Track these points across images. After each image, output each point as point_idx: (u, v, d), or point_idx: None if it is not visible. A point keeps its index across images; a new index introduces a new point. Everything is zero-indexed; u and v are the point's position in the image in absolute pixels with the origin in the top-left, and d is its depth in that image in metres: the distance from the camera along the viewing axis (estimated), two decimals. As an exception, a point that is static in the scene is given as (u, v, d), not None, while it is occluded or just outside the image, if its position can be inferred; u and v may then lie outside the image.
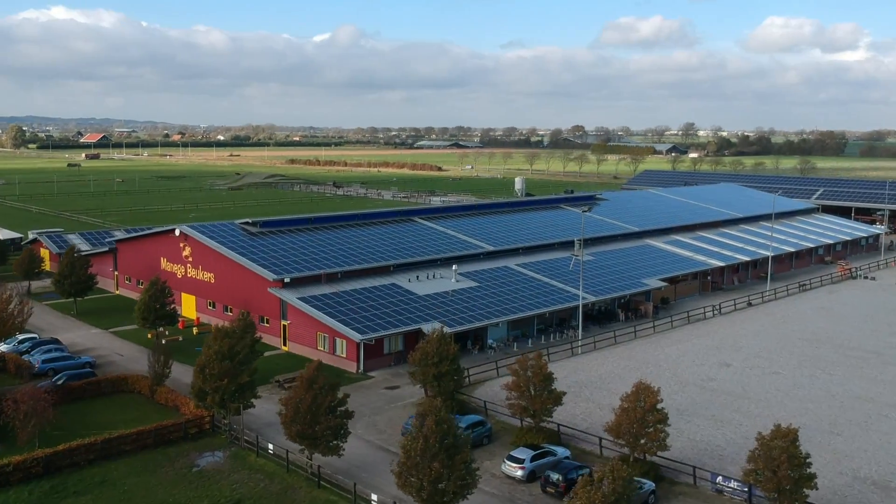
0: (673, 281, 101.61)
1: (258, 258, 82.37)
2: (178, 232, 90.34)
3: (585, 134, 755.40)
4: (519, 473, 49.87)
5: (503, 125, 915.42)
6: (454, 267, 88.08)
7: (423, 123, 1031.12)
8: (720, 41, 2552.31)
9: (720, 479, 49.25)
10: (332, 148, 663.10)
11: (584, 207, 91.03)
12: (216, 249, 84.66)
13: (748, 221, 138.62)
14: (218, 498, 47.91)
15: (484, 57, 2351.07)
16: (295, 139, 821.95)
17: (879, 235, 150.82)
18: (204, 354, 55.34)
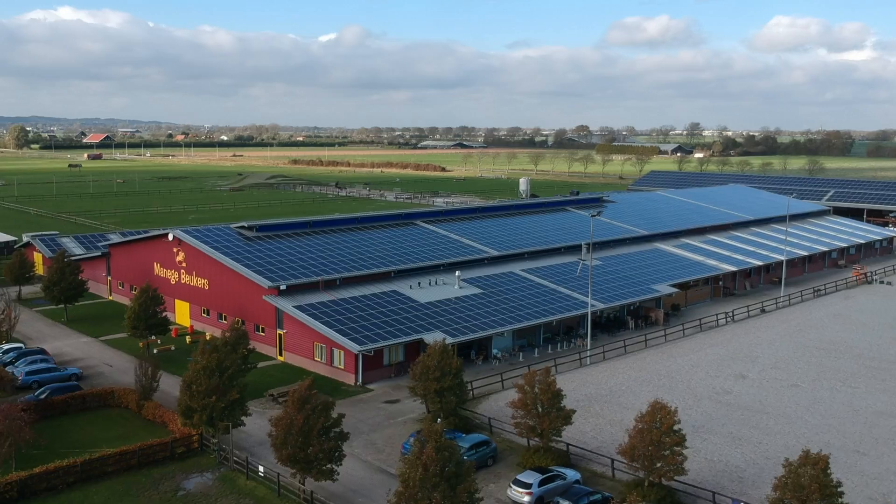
0: (684, 286, 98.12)
1: (253, 264, 79.17)
2: (171, 236, 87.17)
3: (590, 134, 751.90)
4: (526, 500, 46.37)
5: (507, 125, 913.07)
6: (457, 273, 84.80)
7: (427, 123, 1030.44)
8: (726, 41, 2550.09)
9: (742, 505, 45.97)
10: (335, 148, 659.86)
11: (593, 211, 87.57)
12: (210, 255, 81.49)
13: (759, 224, 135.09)
14: (203, 525, 44.81)
15: (490, 57, 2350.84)
16: (298, 139, 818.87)
17: (894, 238, 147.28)
18: (191, 369, 52.17)
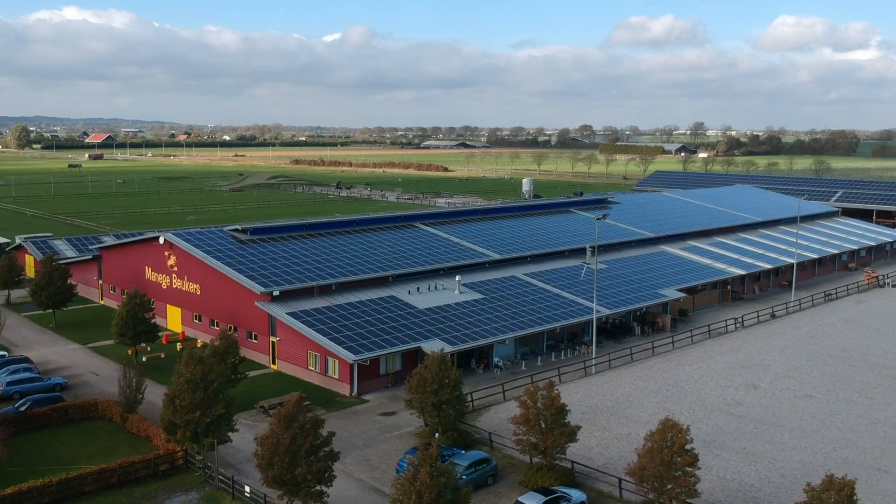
0: (691, 291, 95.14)
1: (246, 269, 76.38)
2: (162, 240, 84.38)
3: (593, 133, 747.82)
4: (528, 524, 43.63)
5: (511, 125, 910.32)
6: (457, 278, 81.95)
7: (430, 123, 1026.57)
8: (731, 40, 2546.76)
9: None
10: (338, 148, 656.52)
11: (598, 214, 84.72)
12: (201, 259, 78.75)
13: (767, 226, 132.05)
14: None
15: (495, 56, 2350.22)
16: (301, 139, 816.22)
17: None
18: (174, 383, 49.40)
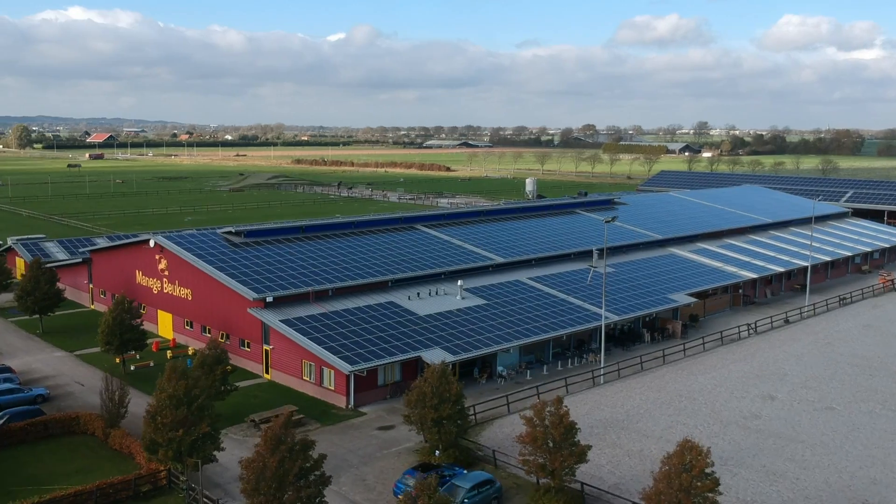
0: (702, 295, 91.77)
1: (239, 273, 73.18)
2: (152, 243, 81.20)
3: (596, 133, 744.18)
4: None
5: (514, 124, 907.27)
6: (459, 282, 78.70)
7: (434, 123, 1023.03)
8: (736, 40, 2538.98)
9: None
10: (340, 148, 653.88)
11: (607, 216, 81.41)
12: (192, 263, 75.57)
13: (778, 227, 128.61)
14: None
15: (499, 56, 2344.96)
16: (303, 139, 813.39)
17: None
18: (155, 398, 46.19)
